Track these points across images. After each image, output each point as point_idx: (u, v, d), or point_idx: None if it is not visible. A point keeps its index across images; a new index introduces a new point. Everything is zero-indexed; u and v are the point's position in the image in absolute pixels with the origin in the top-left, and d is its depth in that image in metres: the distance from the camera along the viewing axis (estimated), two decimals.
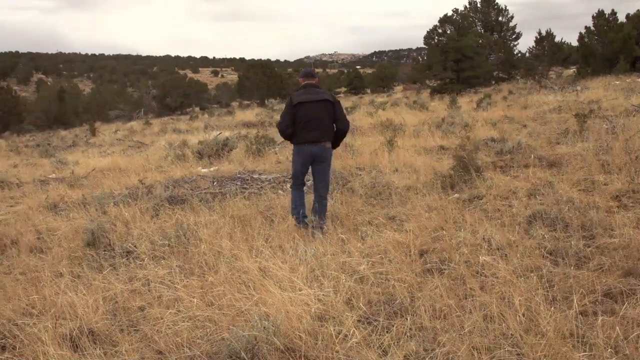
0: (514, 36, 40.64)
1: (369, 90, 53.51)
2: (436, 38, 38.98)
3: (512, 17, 40.52)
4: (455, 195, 6.18)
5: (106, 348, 3.18)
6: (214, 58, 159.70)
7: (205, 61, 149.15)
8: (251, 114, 28.34)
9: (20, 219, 6.62)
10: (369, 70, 78.36)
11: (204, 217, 5.66)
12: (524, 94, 21.80)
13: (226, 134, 15.09)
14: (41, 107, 41.72)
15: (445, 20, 39.18)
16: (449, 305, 3.26)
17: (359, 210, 5.84)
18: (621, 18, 33.17)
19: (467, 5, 40.86)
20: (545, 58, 39.86)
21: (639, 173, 6.07)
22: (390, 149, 9.26)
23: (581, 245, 4.15)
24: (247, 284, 3.71)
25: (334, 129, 5.40)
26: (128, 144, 17.63)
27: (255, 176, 8.54)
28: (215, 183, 8.19)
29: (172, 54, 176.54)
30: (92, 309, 3.55)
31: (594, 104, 14.35)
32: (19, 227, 6.08)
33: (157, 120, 32.36)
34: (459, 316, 3.15)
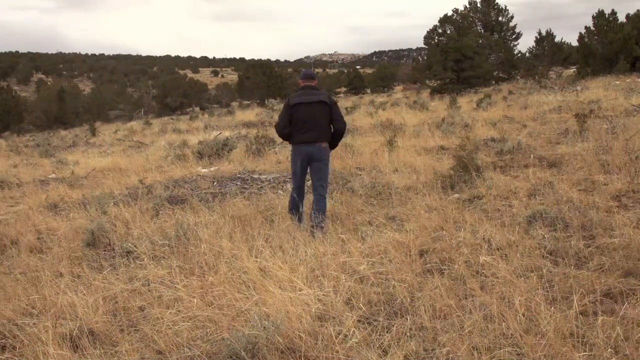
0: (514, 36, 40.63)
1: (369, 90, 53.55)
2: (436, 38, 38.93)
3: (512, 17, 40.57)
4: (455, 195, 6.18)
5: (106, 348, 3.18)
6: (214, 58, 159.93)
7: (205, 61, 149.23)
8: (251, 114, 28.34)
9: (20, 219, 6.62)
10: (369, 70, 78.46)
11: (204, 217, 5.66)
12: (524, 94, 21.79)
13: (226, 134, 15.08)
14: (41, 107, 41.71)
15: (445, 20, 39.14)
16: (449, 305, 3.26)
17: (359, 210, 5.84)
18: (621, 18, 33.16)
19: (467, 5, 40.87)
20: (545, 58, 39.87)
21: (639, 173, 6.07)
22: (390, 149, 9.26)
23: (581, 245, 4.15)
24: (247, 284, 3.71)
25: (331, 129, 5.48)
26: (128, 144, 17.62)
27: (255, 176, 8.54)
28: (215, 183, 8.19)
29: (172, 54, 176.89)
30: (92, 309, 3.55)
31: (594, 104, 14.33)
32: (19, 227, 6.08)
33: (157, 120, 32.35)
34: (459, 316, 3.15)
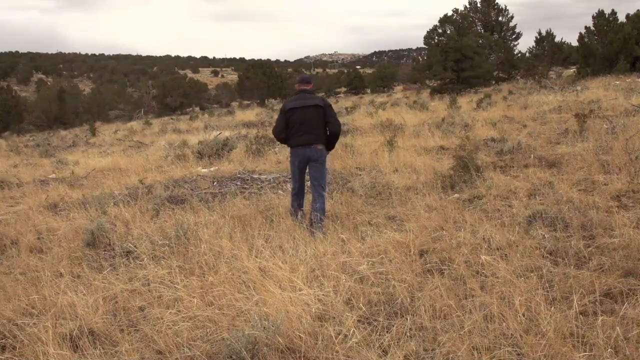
0: (514, 36, 40.63)
1: (369, 90, 53.55)
2: (436, 38, 38.93)
3: (512, 17, 40.58)
4: (455, 195, 6.18)
5: (106, 348, 3.18)
6: (214, 58, 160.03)
7: (205, 61, 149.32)
8: (251, 114, 28.35)
9: (20, 219, 6.62)
10: (369, 70, 78.45)
11: (204, 217, 5.66)
12: (524, 94, 21.79)
13: (226, 134, 15.08)
14: (41, 107, 41.72)
15: (445, 20, 39.14)
16: (449, 305, 3.26)
17: (359, 210, 5.84)
18: (621, 18, 33.16)
19: (467, 5, 40.87)
20: (545, 58, 39.87)
21: (639, 173, 6.07)
22: (390, 149, 9.26)
23: (581, 245, 4.15)
24: (247, 284, 3.71)
25: (326, 131, 5.62)
26: (128, 144, 17.61)
27: (255, 176, 8.54)
28: (215, 183, 8.19)
29: (172, 54, 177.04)
30: (92, 309, 3.56)
31: (594, 104, 14.34)
32: (19, 227, 6.08)
33: (157, 120, 32.36)
34: (459, 316, 3.15)
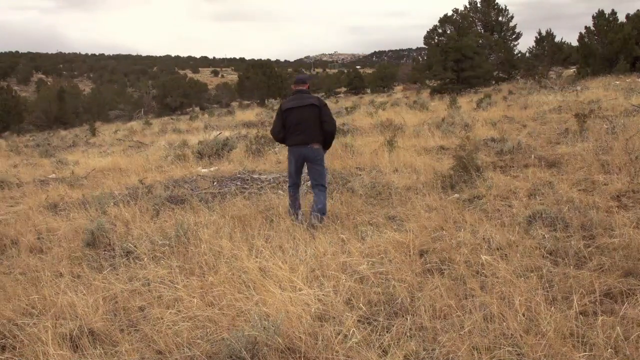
0: (514, 36, 40.63)
1: (369, 90, 53.55)
2: (436, 38, 38.94)
3: (512, 17, 40.58)
4: (455, 195, 6.18)
5: (106, 348, 3.18)
6: (214, 58, 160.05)
7: (205, 61, 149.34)
8: (251, 114, 28.35)
9: (20, 219, 6.62)
10: (369, 70, 78.45)
11: (204, 217, 5.66)
12: (524, 94, 21.79)
13: (226, 134, 15.09)
14: (41, 107, 41.73)
15: (445, 20, 39.15)
16: (449, 305, 3.26)
17: (359, 210, 5.84)
18: (621, 18, 33.16)
19: (467, 5, 40.87)
20: (545, 58, 39.86)
21: (639, 173, 6.07)
22: (390, 149, 9.25)
23: (581, 245, 4.14)
24: (247, 284, 3.71)
25: (323, 131, 5.67)
26: (128, 144, 17.61)
27: (255, 176, 8.54)
28: (215, 183, 8.19)
29: (172, 54, 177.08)
30: (92, 309, 3.56)
31: (594, 104, 14.34)
32: (19, 227, 6.08)
33: (157, 120, 32.36)
34: (459, 316, 3.15)
